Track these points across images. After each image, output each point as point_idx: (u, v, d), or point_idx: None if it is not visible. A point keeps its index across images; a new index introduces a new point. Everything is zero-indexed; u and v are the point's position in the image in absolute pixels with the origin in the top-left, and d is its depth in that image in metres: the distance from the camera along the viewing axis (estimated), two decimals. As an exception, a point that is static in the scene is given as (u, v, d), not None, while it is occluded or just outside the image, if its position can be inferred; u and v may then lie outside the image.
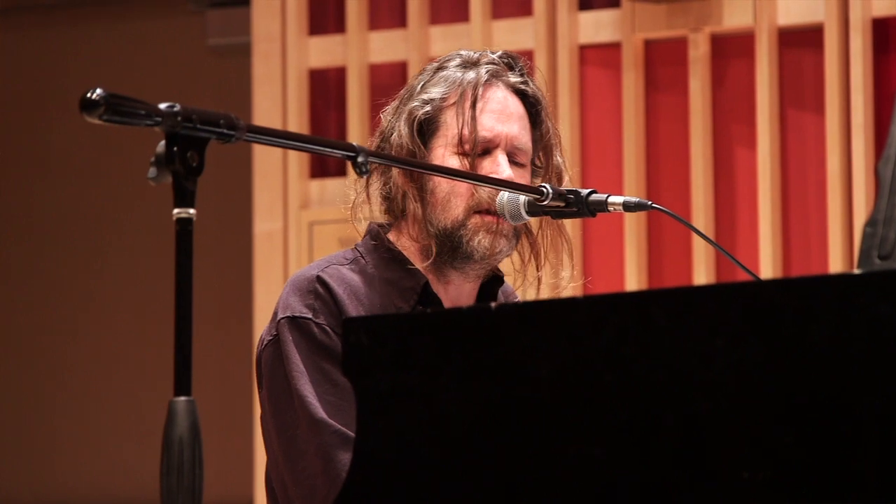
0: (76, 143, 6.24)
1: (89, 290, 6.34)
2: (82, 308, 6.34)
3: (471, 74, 2.32)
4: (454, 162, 2.29)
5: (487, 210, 2.28)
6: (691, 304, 1.55)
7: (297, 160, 4.58)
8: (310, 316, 2.25)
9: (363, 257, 2.33)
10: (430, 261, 2.30)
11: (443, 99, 2.32)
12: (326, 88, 4.69)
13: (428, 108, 2.32)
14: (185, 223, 1.54)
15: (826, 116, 4.19)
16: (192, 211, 1.54)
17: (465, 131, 2.30)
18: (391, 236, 2.35)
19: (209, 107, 1.61)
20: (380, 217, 2.38)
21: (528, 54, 4.27)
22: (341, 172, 4.50)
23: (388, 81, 4.53)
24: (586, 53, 4.44)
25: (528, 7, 4.47)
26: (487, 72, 2.33)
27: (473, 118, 2.29)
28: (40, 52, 6.34)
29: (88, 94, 1.49)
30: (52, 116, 6.15)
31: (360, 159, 1.79)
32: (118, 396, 6.24)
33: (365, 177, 2.28)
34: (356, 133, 4.48)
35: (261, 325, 4.46)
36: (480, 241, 2.27)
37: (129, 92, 1.52)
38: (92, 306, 6.34)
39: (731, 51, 4.32)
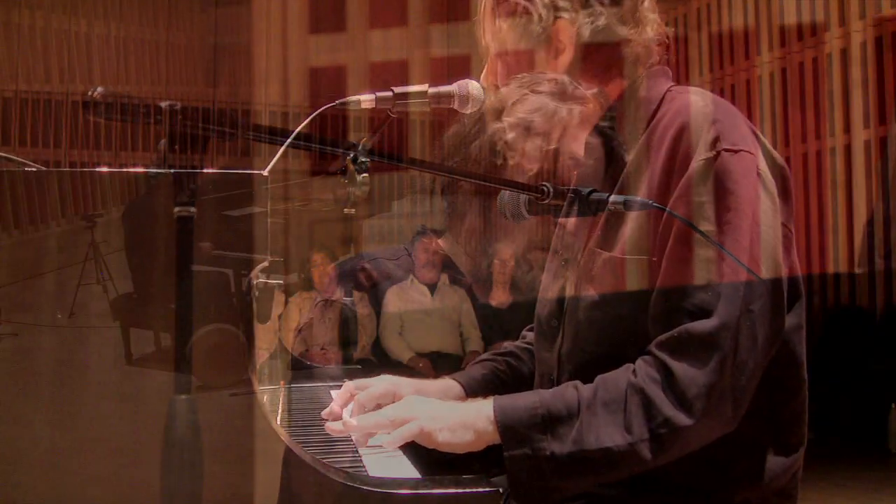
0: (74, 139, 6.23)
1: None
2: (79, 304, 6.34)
3: None
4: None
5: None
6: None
7: (298, 158, 4.58)
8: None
9: (410, 257, 2.37)
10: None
11: None
12: (327, 86, 4.70)
13: None
14: (185, 221, 1.54)
15: (826, 115, 4.19)
16: (192, 209, 1.54)
17: None
18: (443, 241, 2.38)
19: (210, 105, 1.60)
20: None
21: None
22: (342, 171, 4.50)
23: (389, 79, 4.54)
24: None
25: (528, 5, 4.46)
26: None
27: None
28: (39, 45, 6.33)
29: (90, 93, 1.49)
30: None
31: (360, 157, 1.79)
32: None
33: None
34: (357, 131, 4.48)
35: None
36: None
37: (130, 90, 1.52)
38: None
39: (732, 49, 4.32)
